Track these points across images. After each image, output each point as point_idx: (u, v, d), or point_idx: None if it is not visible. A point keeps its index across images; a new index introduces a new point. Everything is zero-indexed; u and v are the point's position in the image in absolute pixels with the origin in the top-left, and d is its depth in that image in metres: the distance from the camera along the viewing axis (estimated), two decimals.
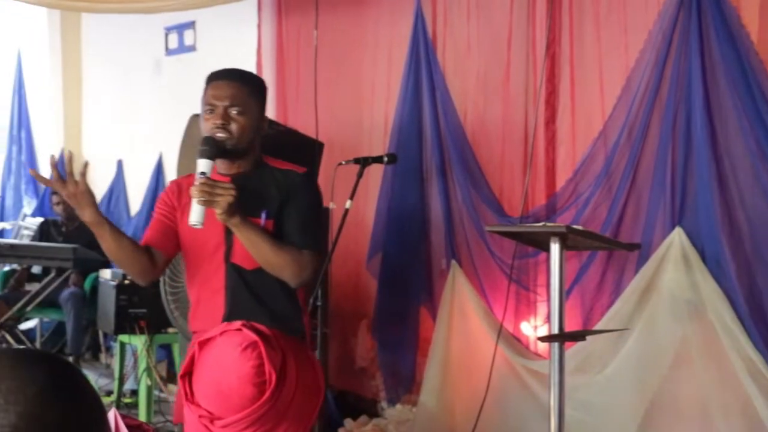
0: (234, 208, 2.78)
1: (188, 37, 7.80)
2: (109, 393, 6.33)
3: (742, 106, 3.85)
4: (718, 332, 3.88)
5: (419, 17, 5.39)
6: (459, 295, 5.04)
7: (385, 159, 4.86)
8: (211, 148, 2.88)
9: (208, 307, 3.01)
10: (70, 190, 2.82)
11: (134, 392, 6.30)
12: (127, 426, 2.51)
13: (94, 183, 9.22)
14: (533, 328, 4.75)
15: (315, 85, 5.97)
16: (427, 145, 5.36)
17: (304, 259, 2.96)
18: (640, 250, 4.07)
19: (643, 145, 4.21)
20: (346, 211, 4.61)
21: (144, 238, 3.07)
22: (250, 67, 6.55)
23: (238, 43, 6.94)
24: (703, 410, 3.97)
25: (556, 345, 3.46)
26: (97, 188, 9.18)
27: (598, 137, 4.44)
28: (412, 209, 5.42)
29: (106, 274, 6.22)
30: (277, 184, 3.03)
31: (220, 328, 2.90)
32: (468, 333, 4.99)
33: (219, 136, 2.93)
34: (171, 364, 6.36)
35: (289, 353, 2.91)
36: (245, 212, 2.86)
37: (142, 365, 5.79)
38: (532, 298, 4.77)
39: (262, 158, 3.09)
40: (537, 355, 4.71)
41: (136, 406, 6.04)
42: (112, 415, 2.43)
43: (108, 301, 6.02)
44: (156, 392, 6.00)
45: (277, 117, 6.08)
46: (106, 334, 7.40)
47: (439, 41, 5.34)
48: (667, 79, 4.11)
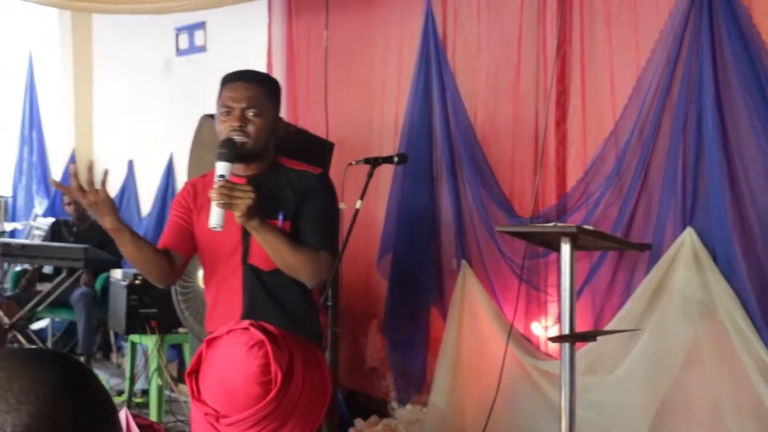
0: (253, 210, 2.80)
1: (199, 38, 7.81)
2: (120, 393, 6.34)
3: (753, 106, 3.84)
4: (730, 332, 3.87)
5: (429, 17, 5.39)
6: (469, 295, 5.04)
7: (396, 159, 4.85)
8: (230, 151, 2.90)
9: (226, 308, 3.03)
10: (90, 199, 2.88)
11: (145, 392, 6.32)
12: (138, 425, 2.52)
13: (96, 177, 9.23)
14: (544, 329, 4.75)
15: (325, 85, 5.98)
16: (438, 145, 5.35)
17: (322, 260, 2.99)
18: (651, 251, 4.06)
19: (654, 145, 4.20)
20: (357, 212, 4.60)
21: (161, 242, 3.09)
22: (261, 68, 6.55)
23: (249, 44, 6.94)
24: (714, 411, 3.96)
25: (566, 345, 3.45)
26: (108, 189, 9.18)
27: (608, 137, 4.43)
28: (422, 209, 5.41)
29: (117, 274, 6.23)
30: (292, 185, 3.04)
31: (228, 326, 2.91)
32: (478, 333, 4.99)
33: (237, 138, 2.94)
34: (182, 363, 6.37)
35: (297, 353, 2.91)
36: (263, 213, 2.88)
37: (153, 365, 5.80)
38: (542, 299, 4.76)
39: (277, 159, 3.10)
40: (547, 356, 4.70)
41: (146, 405, 6.05)
42: (124, 415, 2.44)
43: (119, 301, 6.03)
44: (167, 392, 6.01)
45: (288, 117, 6.08)
46: (117, 334, 7.42)
47: (449, 41, 5.34)
48: (678, 79, 4.10)
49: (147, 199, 8.51)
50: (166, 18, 7.70)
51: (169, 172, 8.12)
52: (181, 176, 7.59)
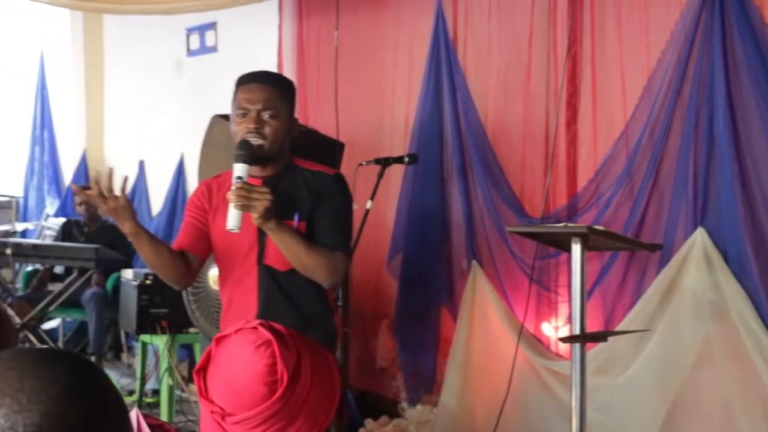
0: (270, 212, 2.82)
1: (209, 38, 7.82)
2: (131, 392, 6.35)
3: (765, 105, 3.83)
4: (741, 333, 3.86)
5: (440, 17, 5.39)
6: (480, 295, 5.03)
7: (406, 159, 4.86)
8: (247, 153, 2.91)
9: (241, 308, 3.05)
10: (110, 206, 2.89)
11: (156, 392, 6.33)
12: (149, 425, 2.52)
13: (116, 184, 9.25)
14: (554, 329, 4.74)
15: (336, 85, 5.98)
16: (448, 145, 5.35)
17: (337, 260, 3.01)
18: (661, 251, 4.05)
19: (665, 145, 4.19)
20: (367, 212, 4.61)
21: (177, 243, 3.11)
22: (271, 68, 6.56)
23: (259, 44, 6.95)
24: (725, 411, 3.95)
25: (577, 346, 3.45)
26: (119, 189, 9.21)
27: (619, 137, 4.42)
28: (432, 209, 5.41)
29: (128, 274, 6.25)
30: (308, 186, 3.06)
31: (237, 325, 2.91)
32: (489, 333, 4.98)
33: (253, 141, 2.95)
34: (192, 363, 6.38)
35: (305, 353, 2.92)
36: (279, 214, 2.89)
37: (164, 365, 5.81)
38: (553, 299, 4.76)
39: (293, 159, 3.12)
40: (558, 356, 4.69)
41: (157, 405, 6.06)
42: (134, 415, 2.44)
43: (130, 301, 6.04)
44: (177, 392, 6.02)
45: (298, 117, 6.06)
46: (128, 334, 7.44)
47: (460, 41, 5.33)
48: (689, 79, 4.09)
49: (157, 199, 8.52)
50: (176, 18, 7.72)
51: (180, 172, 8.13)
52: (192, 176, 7.61)
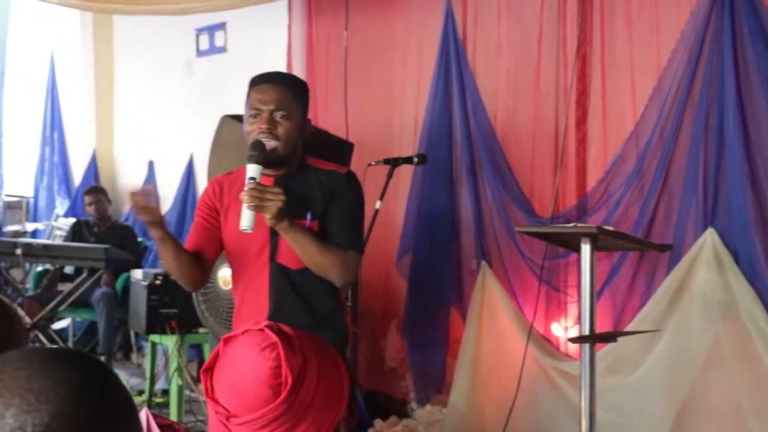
0: (283, 212, 2.84)
1: (219, 39, 7.84)
2: (141, 392, 6.36)
3: None
4: (751, 333, 3.85)
5: (449, 17, 5.38)
6: (489, 295, 5.03)
7: (415, 159, 4.86)
8: (260, 154, 2.91)
9: (253, 307, 3.07)
10: (147, 217, 2.96)
11: (165, 392, 6.33)
12: (158, 425, 2.52)
13: (126, 184, 9.28)
14: (564, 329, 4.73)
15: (345, 85, 5.98)
16: (457, 145, 5.35)
17: (350, 259, 3.03)
18: (671, 251, 4.04)
19: (675, 145, 4.18)
20: (376, 212, 4.62)
21: (189, 243, 3.14)
22: (280, 68, 6.56)
23: (269, 44, 6.96)
24: (735, 412, 3.94)
25: (586, 346, 3.44)
26: (129, 189, 9.22)
27: (629, 137, 4.41)
28: (442, 209, 5.41)
29: (138, 275, 6.26)
30: (320, 185, 3.07)
31: (245, 326, 2.92)
32: (498, 334, 4.98)
33: (266, 142, 2.96)
34: (202, 363, 6.36)
35: (312, 355, 2.91)
36: (291, 214, 2.90)
37: (173, 365, 5.82)
38: (562, 299, 4.75)
39: (305, 159, 3.12)
40: (567, 356, 4.69)
41: (167, 405, 6.07)
42: (144, 415, 2.44)
43: (139, 301, 6.05)
44: (187, 392, 6.03)
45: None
46: (137, 334, 7.45)
47: (470, 41, 5.33)
48: (699, 79, 4.08)
49: (167, 200, 8.53)
50: (186, 19, 7.73)
51: (190, 173, 8.14)
52: (201, 176, 7.62)
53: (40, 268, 8.03)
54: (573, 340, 3.72)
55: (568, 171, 4.72)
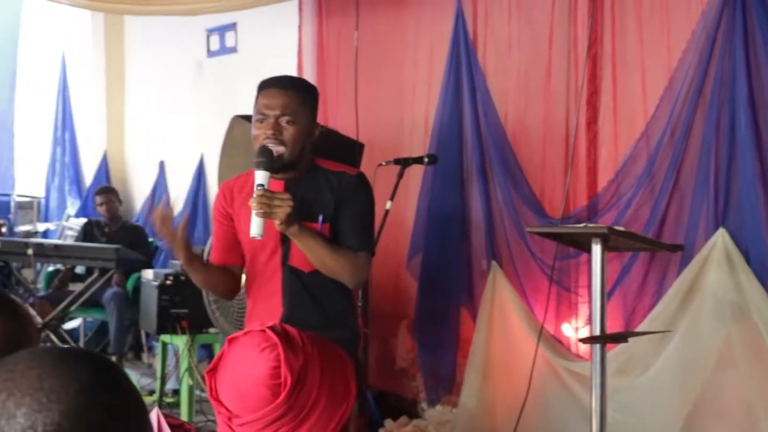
0: (292, 218, 2.85)
1: (229, 39, 7.84)
2: (152, 392, 6.37)
3: None
4: (763, 334, 3.83)
5: (460, 17, 5.38)
6: (499, 296, 5.02)
7: (426, 160, 4.86)
8: (268, 160, 2.92)
9: (266, 310, 3.08)
10: (171, 243, 3.02)
11: (176, 392, 6.34)
12: (169, 425, 2.53)
13: (136, 184, 9.31)
14: (574, 330, 4.72)
15: (355, 85, 5.98)
16: (468, 145, 5.34)
17: (360, 261, 3.05)
18: (682, 251, 4.03)
19: (686, 146, 4.17)
20: (387, 212, 4.62)
21: (214, 257, 3.21)
22: (291, 69, 6.57)
23: (279, 45, 6.96)
24: (747, 413, 3.93)
25: (597, 346, 3.44)
26: (140, 190, 9.27)
27: (640, 137, 4.40)
28: (452, 210, 5.40)
29: (149, 275, 6.26)
30: (331, 188, 3.08)
31: (248, 327, 2.93)
32: (508, 334, 4.97)
33: (273, 148, 2.97)
34: None
35: (315, 356, 2.91)
36: (302, 217, 2.93)
37: (184, 365, 5.82)
38: (573, 300, 4.74)
39: (315, 161, 3.13)
40: (578, 357, 4.68)
41: (178, 405, 6.08)
42: (155, 415, 2.45)
43: (150, 301, 6.06)
44: (197, 392, 6.03)
45: (318, 118, 6.07)
46: (148, 334, 7.46)
47: (480, 41, 5.33)
48: (710, 79, 4.07)
49: (178, 200, 8.54)
50: (197, 19, 7.74)
51: (200, 173, 8.15)
52: (212, 177, 7.63)
53: (51, 268, 8.05)
54: (584, 341, 3.71)
55: (579, 171, 4.71)
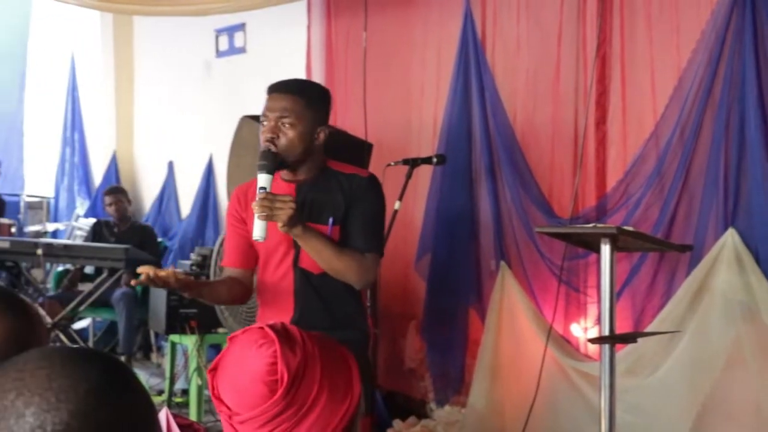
0: (294, 219, 2.88)
1: (238, 39, 7.85)
2: (161, 392, 6.38)
3: None
4: None
5: (468, 17, 5.38)
6: (508, 296, 5.02)
7: (434, 160, 4.85)
8: (269, 163, 2.97)
9: (277, 311, 3.12)
10: (171, 286, 2.99)
11: (185, 392, 6.35)
12: (178, 425, 2.53)
13: (145, 184, 9.32)
14: (583, 330, 4.72)
15: (364, 86, 5.98)
16: (476, 145, 5.34)
17: (367, 262, 3.07)
18: (692, 252, 4.03)
19: (696, 146, 4.16)
20: (395, 212, 4.61)
21: (227, 261, 3.25)
22: (299, 69, 6.57)
23: (288, 45, 6.97)
24: (757, 413, 3.92)
25: (606, 347, 3.43)
26: (149, 190, 9.28)
27: (649, 138, 4.40)
28: (461, 210, 5.40)
29: None
30: (342, 190, 3.11)
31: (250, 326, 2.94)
32: (517, 334, 4.97)
33: (270, 149, 3.02)
34: None
35: (315, 355, 2.92)
36: (312, 219, 3.00)
37: (193, 365, 5.83)
38: (582, 300, 4.74)
39: (326, 163, 3.16)
40: (587, 357, 4.67)
41: (186, 405, 6.09)
42: (164, 415, 2.46)
43: (159, 301, 6.07)
44: (206, 392, 6.03)
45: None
46: (157, 334, 7.47)
47: (489, 41, 5.32)
48: (720, 78, 4.06)
49: (187, 201, 8.56)
50: (206, 20, 7.75)
51: (209, 173, 8.16)
52: (221, 177, 7.63)
53: (60, 268, 8.07)
54: (593, 341, 3.70)
55: (588, 171, 4.71)
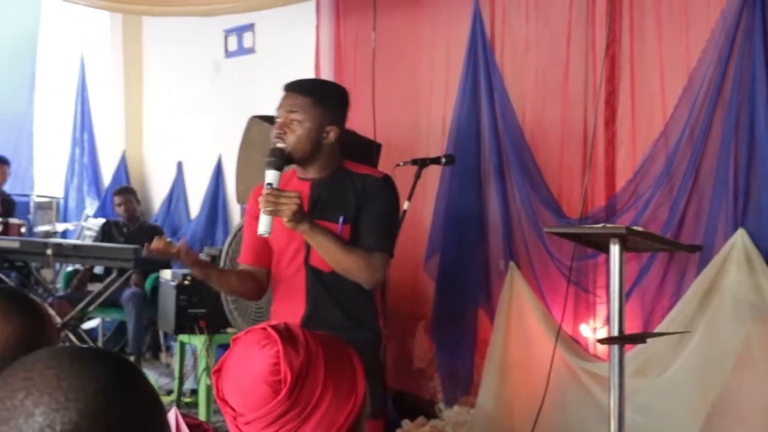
0: (299, 215, 2.92)
1: (247, 40, 7.86)
2: (170, 392, 6.39)
3: None
4: None
5: (477, 18, 5.37)
6: (517, 296, 5.01)
7: (443, 160, 4.85)
8: (277, 160, 3.03)
9: (289, 308, 3.16)
10: (179, 257, 3.09)
11: (194, 392, 6.36)
12: (187, 425, 2.53)
13: (155, 184, 9.33)
14: (592, 330, 4.71)
15: (373, 86, 5.98)
16: (485, 146, 5.33)
17: (375, 261, 3.09)
18: (701, 252, 4.02)
19: (705, 145, 4.15)
20: (404, 213, 4.61)
21: (242, 258, 3.30)
22: (308, 69, 6.57)
23: (297, 45, 6.97)
24: (766, 414, 3.91)
25: (615, 347, 3.43)
26: (158, 190, 9.29)
27: (658, 138, 4.39)
28: (469, 210, 5.40)
29: (167, 275, 6.28)
30: (354, 189, 3.14)
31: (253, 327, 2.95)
32: (526, 335, 4.96)
33: (278, 145, 3.08)
34: None
35: (318, 354, 2.92)
36: (322, 217, 3.04)
37: (202, 365, 5.83)
38: (591, 300, 4.73)
39: (342, 163, 3.20)
40: (596, 358, 4.67)
41: (196, 405, 6.09)
42: (173, 414, 2.46)
43: (168, 301, 6.07)
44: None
45: None
46: (166, 334, 7.48)
47: (498, 42, 5.32)
48: (730, 78, 4.05)
49: (196, 201, 8.57)
50: (215, 20, 7.76)
51: (218, 173, 8.17)
52: (230, 177, 7.64)
53: (70, 268, 8.08)
54: (602, 341, 3.70)
55: (597, 171, 4.70)
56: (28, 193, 10.73)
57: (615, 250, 3.40)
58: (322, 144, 3.12)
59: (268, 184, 2.96)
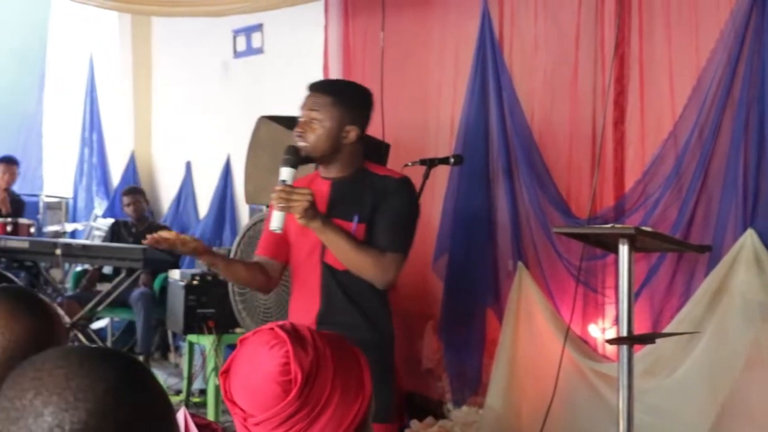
0: (311, 212, 2.97)
1: (256, 40, 7.86)
2: (178, 392, 6.40)
3: None
4: None
5: (486, 18, 5.37)
6: (526, 296, 5.01)
7: (452, 160, 4.85)
8: (292, 157, 3.08)
9: (305, 305, 3.21)
10: (187, 248, 3.16)
11: (203, 391, 6.36)
12: (196, 425, 2.54)
13: (164, 185, 9.35)
14: (601, 331, 4.70)
15: (381, 86, 5.97)
16: (494, 146, 5.33)
17: (387, 261, 3.14)
18: (710, 252, 4.01)
19: (715, 146, 4.14)
20: None
21: (259, 249, 3.35)
22: (317, 69, 6.57)
23: (305, 46, 6.97)
24: None
25: (624, 348, 3.42)
26: (167, 190, 9.31)
27: (668, 138, 4.38)
28: (478, 210, 5.39)
29: (175, 275, 6.29)
30: (372, 189, 3.19)
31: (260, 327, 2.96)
32: (535, 335, 4.95)
33: (298, 144, 3.14)
34: None
35: (326, 354, 2.92)
36: (340, 216, 3.09)
37: (211, 365, 5.84)
38: (600, 300, 4.72)
39: (364, 164, 3.25)
40: (605, 358, 4.66)
41: (204, 405, 6.10)
42: (182, 414, 2.47)
43: (177, 301, 6.08)
44: None
45: None
46: (175, 334, 7.49)
47: (506, 42, 5.31)
48: (739, 78, 4.04)
49: (204, 201, 8.58)
50: (223, 20, 7.77)
51: (227, 174, 8.18)
52: (239, 177, 7.64)
53: (79, 268, 8.10)
54: (611, 342, 3.69)
55: (606, 171, 4.69)
56: (37, 193, 10.75)
57: (624, 250, 3.39)
58: (342, 143, 3.17)
59: (282, 181, 3.01)
